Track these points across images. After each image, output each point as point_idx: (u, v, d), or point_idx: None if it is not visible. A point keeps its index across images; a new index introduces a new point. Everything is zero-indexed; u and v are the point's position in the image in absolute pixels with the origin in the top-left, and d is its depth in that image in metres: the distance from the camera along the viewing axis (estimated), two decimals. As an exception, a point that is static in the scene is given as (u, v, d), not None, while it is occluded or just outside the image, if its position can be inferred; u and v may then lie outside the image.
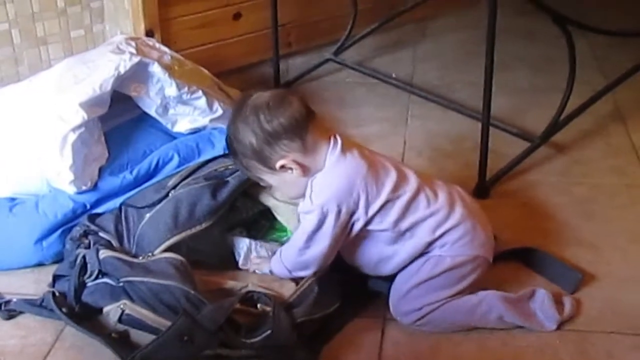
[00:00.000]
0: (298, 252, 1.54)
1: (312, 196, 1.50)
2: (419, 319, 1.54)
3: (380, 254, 1.55)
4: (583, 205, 1.93)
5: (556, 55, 2.52)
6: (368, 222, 1.51)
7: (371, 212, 1.49)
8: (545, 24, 2.06)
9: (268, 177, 1.55)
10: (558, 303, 1.57)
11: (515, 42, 2.68)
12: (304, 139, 1.49)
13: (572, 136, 2.20)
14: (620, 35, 2.55)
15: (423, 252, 1.54)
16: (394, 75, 2.54)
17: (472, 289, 1.56)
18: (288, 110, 1.48)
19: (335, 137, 1.52)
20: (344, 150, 1.50)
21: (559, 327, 1.55)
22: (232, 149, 1.56)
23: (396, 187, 1.50)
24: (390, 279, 1.60)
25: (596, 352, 1.51)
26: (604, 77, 2.47)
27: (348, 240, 1.53)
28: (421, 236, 1.52)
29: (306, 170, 1.51)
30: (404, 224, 1.52)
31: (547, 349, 1.52)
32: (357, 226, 1.51)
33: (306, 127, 1.49)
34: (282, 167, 1.50)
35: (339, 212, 1.48)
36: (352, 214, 1.49)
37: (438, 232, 1.52)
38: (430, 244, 1.53)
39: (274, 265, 1.59)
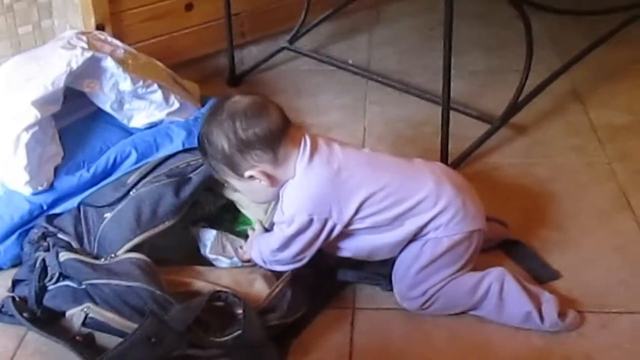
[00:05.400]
0: (271, 253, 1.53)
1: (283, 207, 1.49)
2: (424, 303, 1.53)
3: (370, 245, 1.54)
4: (545, 185, 1.94)
5: (510, 37, 2.55)
6: (347, 225, 1.49)
7: (346, 216, 1.47)
8: (496, 7, 2.06)
9: (235, 182, 1.53)
10: (562, 314, 1.52)
11: (468, 26, 2.66)
12: (276, 151, 1.47)
13: (531, 117, 2.20)
14: (574, 14, 2.57)
15: (418, 235, 1.52)
16: (350, 62, 2.52)
17: (474, 265, 1.56)
18: (265, 121, 1.46)
19: (305, 142, 1.49)
20: (312, 156, 1.48)
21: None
22: (202, 148, 1.54)
23: (372, 185, 1.48)
24: (360, 266, 1.61)
25: (567, 333, 1.51)
26: (559, 57, 2.47)
27: (331, 241, 1.51)
28: (411, 223, 1.50)
29: (274, 182, 1.49)
30: (389, 217, 1.49)
31: (519, 332, 1.51)
32: (336, 231, 1.49)
33: (280, 139, 1.47)
34: (251, 176, 1.48)
35: (310, 221, 1.46)
36: (325, 221, 1.47)
37: (428, 217, 1.50)
38: (423, 227, 1.51)
39: (254, 254, 1.58)
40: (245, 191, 1.56)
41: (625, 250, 1.72)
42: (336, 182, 1.47)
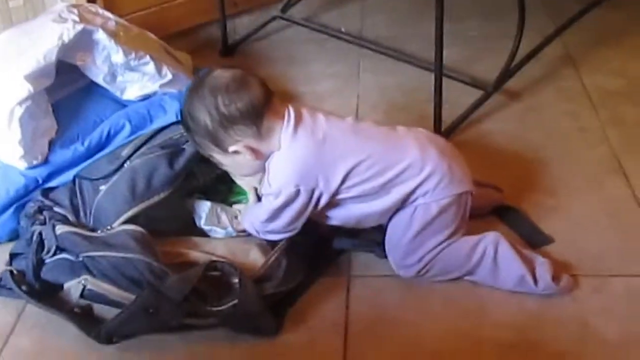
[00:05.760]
0: (261, 224, 1.54)
1: (270, 179, 1.50)
2: (420, 270, 1.54)
3: (358, 213, 1.54)
4: (539, 151, 1.94)
5: (503, 3, 2.53)
6: (334, 194, 1.50)
7: (333, 186, 1.48)
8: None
9: (220, 157, 1.54)
10: (555, 277, 1.53)
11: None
12: (260, 125, 1.47)
13: (524, 83, 2.20)
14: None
15: (406, 203, 1.53)
16: (343, 30, 2.51)
17: (468, 231, 1.57)
18: (247, 95, 1.46)
19: (289, 114, 1.49)
20: (296, 127, 1.48)
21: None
22: (185, 124, 1.54)
23: (357, 154, 1.49)
24: (355, 233, 1.62)
25: (561, 296, 1.52)
26: (552, 22, 2.47)
27: (319, 210, 1.52)
28: (398, 191, 1.51)
29: (259, 155, 1.50)
30: (376, 186, 1.50)
31: (513, 296, 1.53)
32: (324, 200, 1.50)
33: (262, 113, 1.47)
34: (235, 151, 1.49)
35: (297, 192, 1.47)
36: (312, 191, 1.48)
37: (415, 183, 1.51)
38: (411, 194, 1.51)
39: (246, 224, 1.59)
40: (231, 166, 1.56)
41: (618, 215, 1.73)
42: (321, 152, 1.48)
